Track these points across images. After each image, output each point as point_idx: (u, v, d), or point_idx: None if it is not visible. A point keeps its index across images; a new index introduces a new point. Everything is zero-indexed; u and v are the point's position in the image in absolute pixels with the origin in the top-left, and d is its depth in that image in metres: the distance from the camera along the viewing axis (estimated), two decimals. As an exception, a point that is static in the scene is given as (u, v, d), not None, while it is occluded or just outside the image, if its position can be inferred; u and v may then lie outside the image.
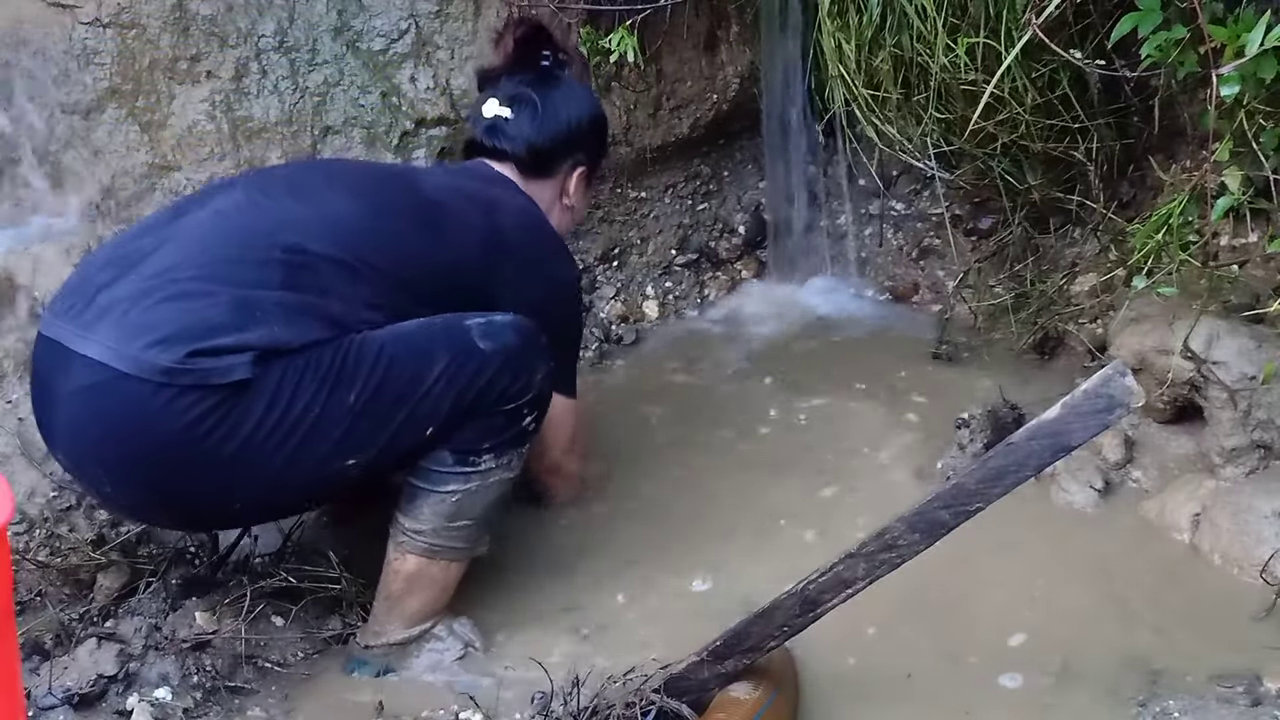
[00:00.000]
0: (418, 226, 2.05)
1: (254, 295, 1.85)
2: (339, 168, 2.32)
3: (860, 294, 3.09)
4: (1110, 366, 1.62)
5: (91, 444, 1.85)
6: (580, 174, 2.35)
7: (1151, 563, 2.17)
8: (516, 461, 2.03)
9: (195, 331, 1.80)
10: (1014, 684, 1.92)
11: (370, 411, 1.87)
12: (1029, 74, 2.46)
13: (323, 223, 1.96)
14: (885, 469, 2.46)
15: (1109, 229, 2.66)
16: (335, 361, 1.86)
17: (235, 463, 1.81)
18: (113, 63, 2.60)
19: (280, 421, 1.82)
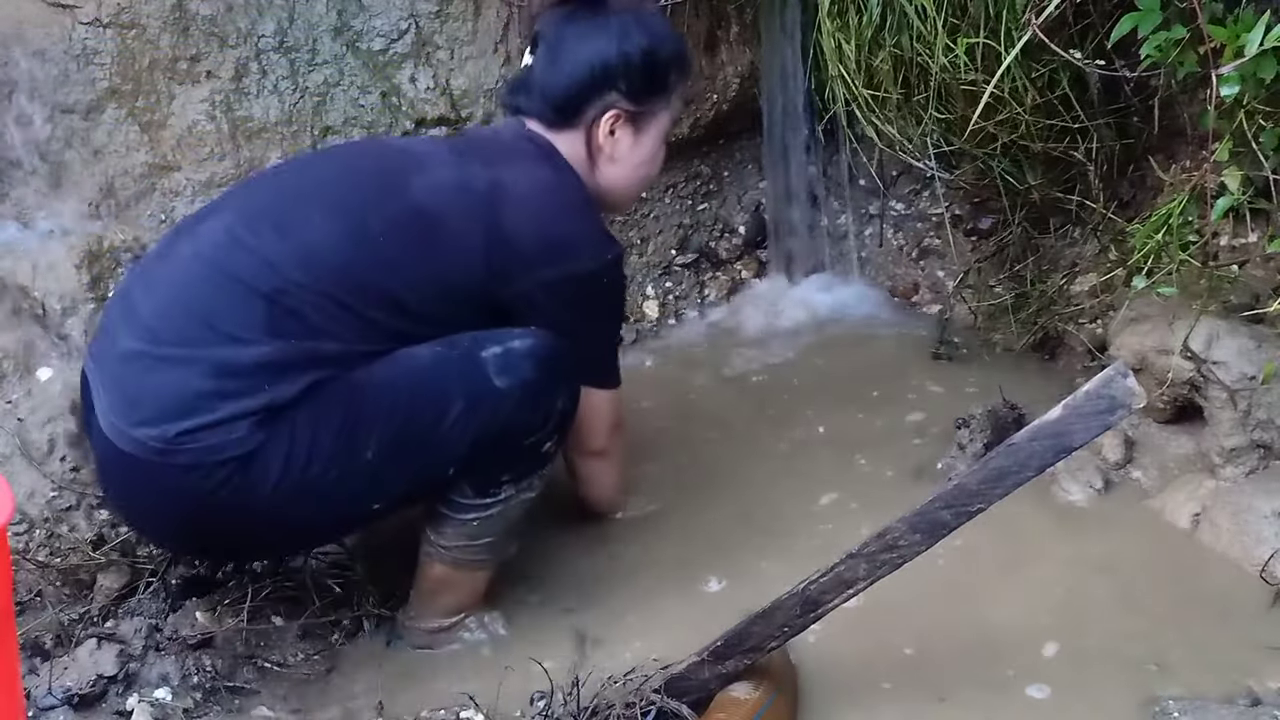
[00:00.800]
0: (406, 243, 1.90)
1: (235, 356, 1.79)
2: (327, 173, 2.03)
3: (860, 294, 3.09)
4: (1112, 367, 1.62)
5: (116, 499, 1.96)
6: (612, 118, 2.07)
7: (1151, 563, 2.17)
8: (538, 482, 2.01)
9: (177, 409, 1.78)
10: (1011, 688, 1.92)
11: (389, 463, 1.86)
12: (1029, 74, 2.46)
13: (304, 257, 1.86)
14: (885, 469, 2.46)
15: (1109, 229, 2.66)
16: (348, 414, 1.82)
17: (258, 518, 1.83)
18: (113, 63, 2.59)
19: (299, 481, 1.81)
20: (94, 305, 2.32)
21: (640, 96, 2.08)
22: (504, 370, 1.88)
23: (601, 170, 2.11)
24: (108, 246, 2.39)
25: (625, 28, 2.06)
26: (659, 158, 2.19)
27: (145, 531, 2.01)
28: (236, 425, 1.77)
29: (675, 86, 2.14)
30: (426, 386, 1.87)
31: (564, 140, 2.07)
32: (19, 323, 2.28)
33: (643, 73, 2.07)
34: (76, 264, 2.32)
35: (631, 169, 2.14)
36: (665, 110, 2.14)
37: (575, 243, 2.00)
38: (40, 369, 2.25)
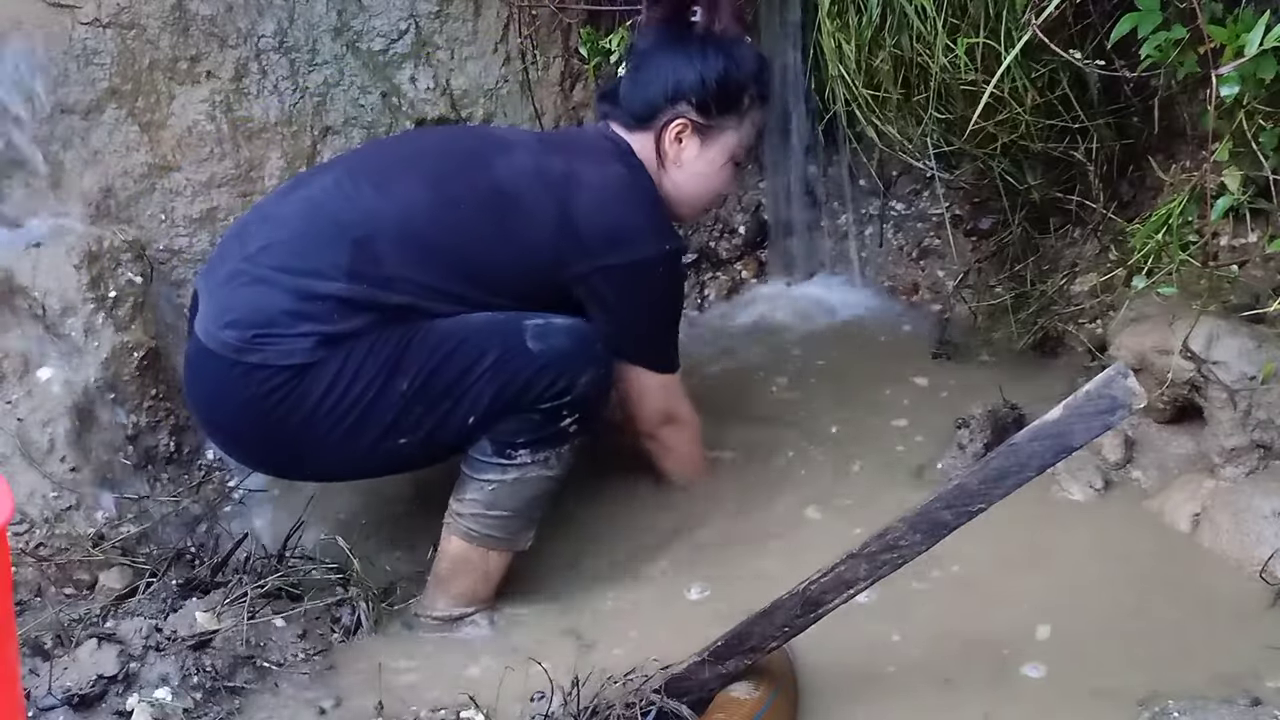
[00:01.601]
0: (484, 219, 2.09)
1: (316, 287, 2.01)
2: (427, 144, 2.30)
3: (860, 294, 3.09)
4: (1112, 368, 1.62)
5: (194, 397, 2.15)
6: (680, 125, 2.26)
7: (1151, 563, 2.17)
8: (556, 462, 2.09)
9: (258, 318, 2.01)
10: (1011, 688, 1.92)
11: (420, 399, 2.02)
12: (1029, 74, 2.46)
13: (395, 214, 2.07)
14: (885, 468, 2.46)
15: (1109, 229, 2.66)
16: (396, 350, 2.00)
17: (300, 433, 2.02)
18: (113, 63, 2.60)
19: (339, 403, 2.00)
20: (94, 305, 2.32)
21: (709, 112, 2.26)
22: (540, 336, 2.03)
23: (668, 173, 2.28)
24: (108, 246, 2.39)
25: (705, 51, 2.26)
26: (725, 173, 2.34)
27: (212, 430, 2.18)
28: (303, 340, 1.99)
29: (747, 110, 2.31)
30: (469, 340, 2.03)
31: (638, 140, 2.26)
32: (19, 323, 2.28)
33: (715, 93, 2.25)
34: (76, 264, 2.32)
35: (695, 176, 2.30)
36: (734, 129, 2.30)
37: (637, 233, 2.16)
38: (40, 369, 2.26)
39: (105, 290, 2.34)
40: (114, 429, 2.30)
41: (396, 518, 2.34)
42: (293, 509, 2.33)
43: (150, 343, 2.39)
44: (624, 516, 2.38)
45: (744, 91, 2.29)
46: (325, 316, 2.00)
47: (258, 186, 2.68)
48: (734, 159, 2.33)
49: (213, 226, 2.64)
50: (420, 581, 2.21)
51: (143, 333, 2.38)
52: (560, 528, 2.34)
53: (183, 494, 2.35)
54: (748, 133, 2.34)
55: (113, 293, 2.35)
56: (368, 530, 2.29)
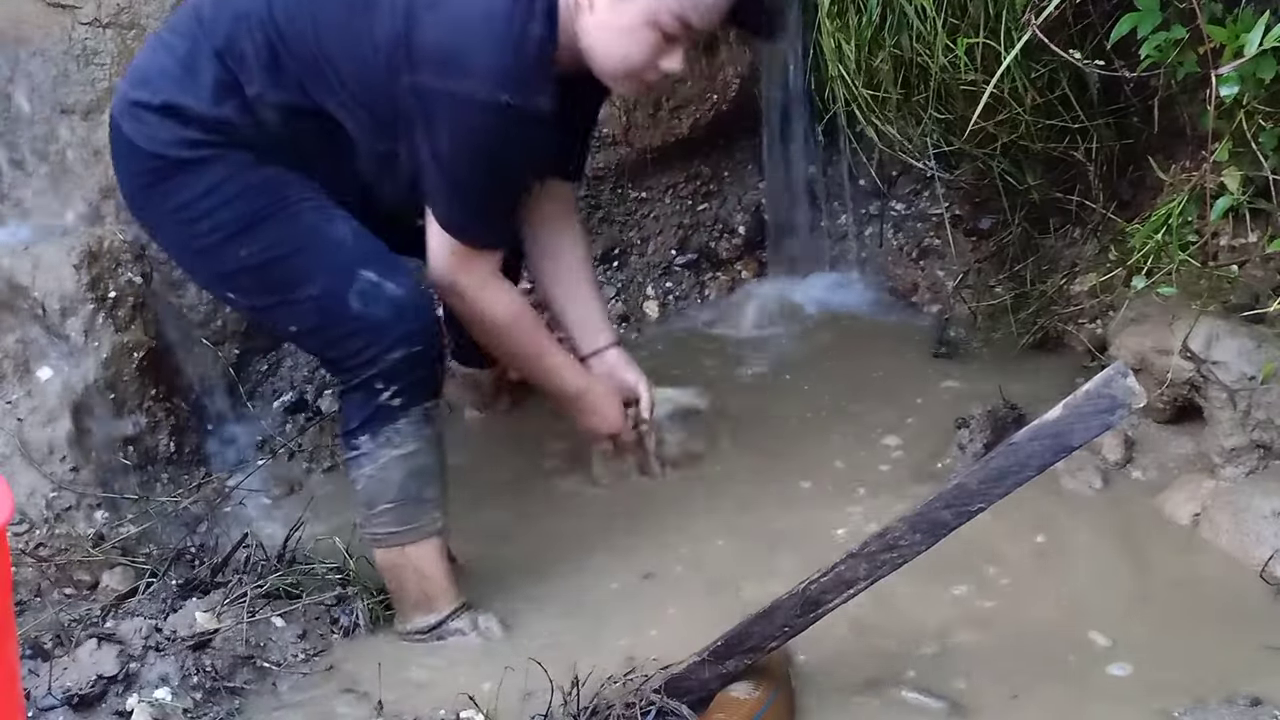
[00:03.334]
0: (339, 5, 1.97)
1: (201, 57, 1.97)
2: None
3: (860, 294, 3.09)
4: (1112, 367, 1.62)
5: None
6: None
7: (1150, 563, 2.17)
8: (402, 439, 2.02)
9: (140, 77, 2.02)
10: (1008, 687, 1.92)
11: (250, 274, 2.01)
12: (1028, 74, 2.46)
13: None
14: (885, 469, 2.46)
15: (1109, 229, 2.66)
16: (251, 212, 1.97)
17: (163, 223, 2.05)
18: (113, 63, 2.60)
19: (192, 223, 1.99)
20: (94, 305, 2.32)
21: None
22: (363, 296, 1.96)
23: (579, 19, 1.96)
24: (108, 246, 2.38)
25: None
26: (644, 41, 1.94)
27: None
28: (173, 126, 1.97)
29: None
30: (308, 255, 1.99)
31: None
32: (19, 323, 2.28)
33: None
34: (76, 264, 2.32)
35: (604, 31, 1.95)
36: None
37: (474, 66, 1.87)
38: (40, 369, 2.26)
39: (105, 290, 2.34)
40: (114, 429, 2.30)
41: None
42: (292, 510, 2.33)
43: (150, 343, 2.39)
44: (625, 514, 2.38)
45: None
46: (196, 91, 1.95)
47: (258, 187, 2.68)
48: (660, 27, 1.92)
49: (213, 227, 2.64)
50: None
51: (143, 333, 2.38)
52: (562, 529, 2.34)
53: (183, 494, 2.35)
54: (686, 6, 1.91)
55: (113, 293, 2.35)
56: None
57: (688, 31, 1.93)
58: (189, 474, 2.41)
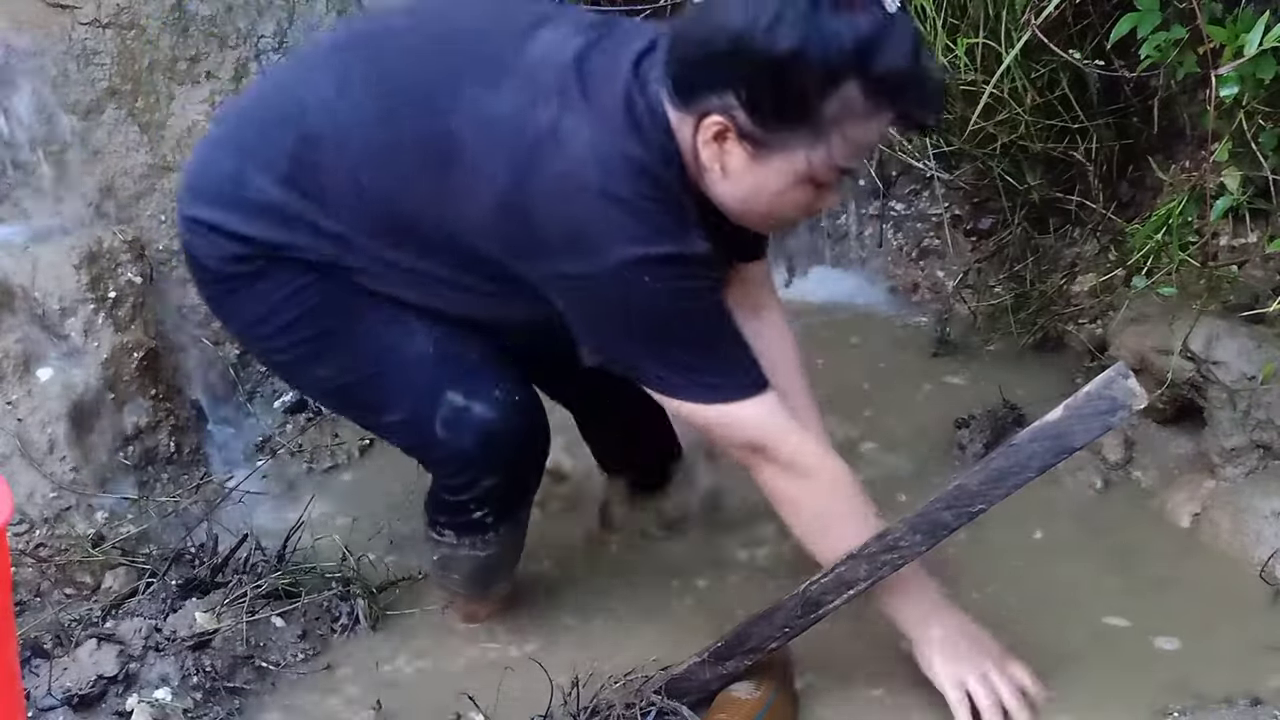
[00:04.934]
0: (426, 163, 1.66)
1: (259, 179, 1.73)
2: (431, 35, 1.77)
3: (860, 294, 3.09)
4: (1113, 368, 1.62)
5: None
6: (716, 127, 1.56)
7: (1150, 563, 2.17)
8: (484, 545, 1.96)
9: (194, 184, 1.82)
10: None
11: (334, 396, 1.94)
12: (1028, 74, 2.46)
13: (341, 121, 1.71)
14: (885, 469, 2.46)
15: (1108, 229, 2.66)
16: (324, 332, 1.78)
17: (244, 337, 1.96)
18: (112, 63, 2.59)
19: (266, 340, 1.83)
20: (94, 305, 2.32)
21: (763, 116, 1.54)
22: (449, 424, 1.79)
23: (707, 181, 1.64)
24: (108, 246, 2.38)
25: (785, 15, 1.48)
26: (797, 197, 1.63)
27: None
28: (232, 243, 1.76)
29: (836, 118, 1.54)
30: (387, 378, 1.80)
31: (678, 118, 1.61)
32: (19, 323, 2.28)
33: (774, 87, 1.52)
34: (76, 264, 2.32)
35: (747, 198, 1.64)
36: (808, 146, 1.56)
37: (615, 232, 1.58)
38: (40, 369, 2.25)
39: (105, 290, 2.34)
40: (114, 429, 2.30)
41: (396, 518, 2.34)
42: (292, 509, 2.33)
43: (150, 343, 2.39)
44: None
45: (824, 92, 1.51)
46: (258, 216, 1.72)
47: (257, 186, 2.68)
48: (814, 180, 1.60)
49: (212, 226, 2.64)
50: (420, 581, 2.21)
51: (143, 333, 2.38)
52: (563, 530, 2.34)
53: (183, 494, 2.35)
54: (840, 146, 1.56)
55: (113, 293, 2.35)
56: (367, 530, 2.28)
57: (845, 173, 1.64)
58: (189, 474, 2.41)
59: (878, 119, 1.57)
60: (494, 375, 1.81)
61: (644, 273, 1.59)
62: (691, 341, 1.68)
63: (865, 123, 1.56)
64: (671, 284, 1.62)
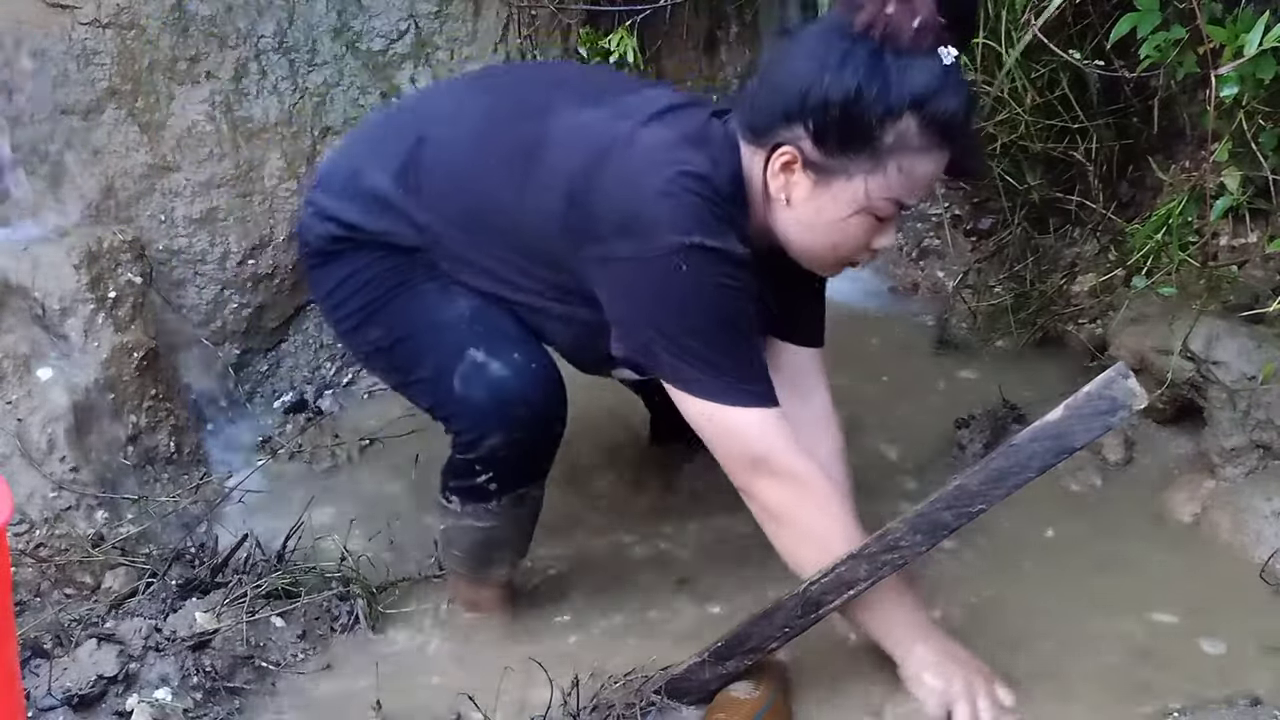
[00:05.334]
0: (509, 174, 1.84)
1: (374, 172, 1.94)
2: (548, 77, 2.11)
3: (859, 294, 3.09)
4: (1113, 369, 1.62)
5: None
6: (786, 156, 1.72)
7: (1150, 563, 2.17)
8: (486, 516, 1.98)
9: (327, 181, 2.03)
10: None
11: (380, 357, 2.02)
12: (1028, 74, 2.46)
13: (448, 134, 1.94)
14: (884, 469, 2.46)
15: (1108, 229, 2.66)
16: (382, 296, 1.95)
17: (322, 308, 2.11)
18: (112, 63, 2.59)
19: (335, 309, 2.01)
20: (94, 305, 2.32)
21: (827, 145, 1.70)
22: (466, 378, 1.86)
23: (774, 213, 1.79)
24: (108, 246, 2.38)
25: (848, 59, 1.66)
26: (853, 229, 1.75)
27: None
28: (336, 227, 1.96)
29: (893, 149, 1.68)
30: (422, 337, 1.93)
31: (750, 155, 1.78)
32: (19, 323, 2.28)
33: (836, 119, 1.68)
34: (76, 264, 2.32)
35: (809, 227, 1.77)
36: (866, 174, 1.70)
37: (658, 219, 1.71)
38: (40, 369, 2.25)
39: (105, 290, 2.34)
40: (114, 429, 2.30)
41: (396, 518, 2.34)
42: (292, 510, 2.33)
43: (150, 343, 2.39)
44: (629, 515, 2.38)
45: (883, 123, 1.67)
46: (360, 207, 1.94)
47: (257, 187, 2.68)
48: (871, 211, 1.73)
49: (212, 226, 2.64)
50: (420, 581, 2.21)
51: (143, 333, 2.38)
52: (564, 526, 2.34)
53: (183, 494, 2.35)
54: (897, 178, 1.70)
55: (113, 293, 2.35)
56: (367, 530, 2.28)
57: (901, 209, 1.77)
58: (189, 474, 2.41)
59: (931, 156, 1.71)
60: (519, 342, 1.90)
61: (683, 260, 1.71)
62: (712, 338, 1.76)
63: (920, 158, 1.70)
64: (705, 276, 1.72)
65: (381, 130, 2.07)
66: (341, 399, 2.76)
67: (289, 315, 2.76)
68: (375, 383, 2.80)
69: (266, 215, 2.68)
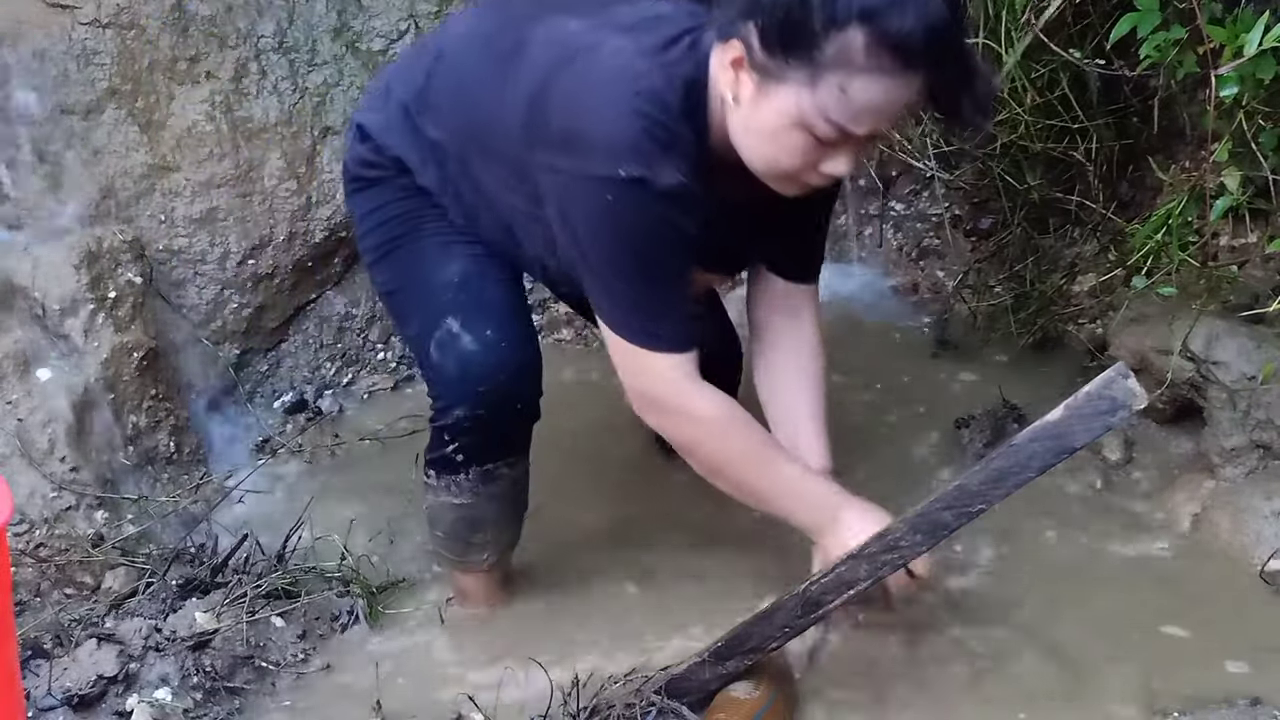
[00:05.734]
0: (496, 72, 1.84)
1: (397, 87, 1.99)
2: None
3: (859, 294, 3.09)
4: (1113, 368, 1.61)
5: None
6: (732, 50, 1.62)
7: (1150, 563, 2.17)
8: (457, 490, 2.00)
9: (367, 100, 2.10)
10: (1007, 684, 1.92)
11: (385, 302, 2.12)
12: (1028, 74, 2.46)
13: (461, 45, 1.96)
14: (884, 469, 2.46)
15: (1108, 229, 2.66)
16: (393, 240, 1.99)
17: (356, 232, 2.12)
18: (112, 63, 2.59)
19: (361, 239, 2.07)
20: (94, 305, 2.32)
21: (770, 45, 1.57)
22: (440, 346, 1.91)
23: (727, 115, 1.69)
24: (108, 246, 2.39)
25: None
26: (790, 142, 1.63)
27: None
28: (367, 150, 2.01)
29: (832, 63, 1.53)
30: (415, 290, 1.98)
31: (718, 60, 1.67)
32: (19, 323, 2.28)
33: (782, 19, 1.55)
34: (76, 264, 2.32)
35: (751, 132, 1.66)
36: (803, 85, 1.56)
37: (598, 142, 1.66)
38: (40, 369, 2.26)
39: (105, 290, 2.34)
40: (114, 429, 2.30)
41: (396, 517, 2.34)
42: (292, 509, 2.33)
43: (150, 343, 2.39)
44: (630, 515, 2.38)
45: (829, 30, 1.52)
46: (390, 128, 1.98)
47: (257, 187, 2.68)
48: (808, 128, 1.59)
49: (212, 226, 2.64)
50: (420, 581, 2.22)
51: (143, 333, 2.38)
52: (563, 525, 2.34)
53: (183, 494, 2.35)
54: (836, 96, 1.55)
55: (113, 293, 2.35)
56: (367, 530, 2.29)
57: (846, 136, 1.60)
58: (189, 474, 2.41)
59: (880, 81, 1.55)
60: (496, 318, 1.92)
61: (611, 191, 1.67)
62: (630, 274, 1.75)
63: (865, 79, 1.54)
64: (631, 211, 1.68)
65: (415, 49, 2.13)
66: (341, 399, 2.77)
67: (289, 315, 2.76)
68: (375, 383, 2.80)
69: (266, 215, 2.68)
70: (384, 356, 2.84)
